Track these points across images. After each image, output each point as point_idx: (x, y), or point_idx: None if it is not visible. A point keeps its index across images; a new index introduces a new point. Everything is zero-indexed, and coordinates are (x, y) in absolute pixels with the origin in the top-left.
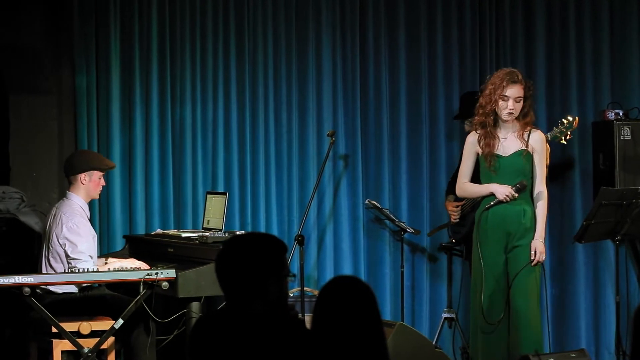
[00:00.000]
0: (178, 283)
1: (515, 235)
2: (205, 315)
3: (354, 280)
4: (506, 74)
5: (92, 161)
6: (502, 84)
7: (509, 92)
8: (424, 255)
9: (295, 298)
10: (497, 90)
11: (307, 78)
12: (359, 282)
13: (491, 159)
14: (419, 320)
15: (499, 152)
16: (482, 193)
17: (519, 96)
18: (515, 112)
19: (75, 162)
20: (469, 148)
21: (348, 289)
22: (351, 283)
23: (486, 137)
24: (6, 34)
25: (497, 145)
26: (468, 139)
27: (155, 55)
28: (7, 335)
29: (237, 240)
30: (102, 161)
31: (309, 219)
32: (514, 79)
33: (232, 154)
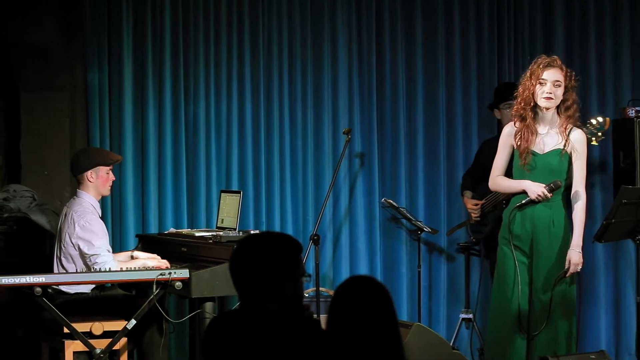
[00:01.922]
0: (191, 283)
1: (541, 244)
2: (219, 316)
3: (369, 280)
4: (543, 59)
5: (96, 157)
6: (539, 68)
7: (546, 74)
8: (441, 255)
9: (310, 298)
10: (533, 74)
11: (323, 74)
12: (375, 282)
13: (526, 155)
14: (436, 320)
15: (536, 149)
16: (514, 189)
17: (558, 80)
18: (554, 97)
19: (80, 160)
20: (504, 140)
21: (364, 289)
22: (367, 283)
23: (524, 131)
24: (18, 30)
25: (535, 141)
26: (504, 130)
27: (168, 51)
28: (18, 336)
29: (252, 240)
30: (107, 155)
31: (325, 218)
32: (551, 63)
33: (246, 151)
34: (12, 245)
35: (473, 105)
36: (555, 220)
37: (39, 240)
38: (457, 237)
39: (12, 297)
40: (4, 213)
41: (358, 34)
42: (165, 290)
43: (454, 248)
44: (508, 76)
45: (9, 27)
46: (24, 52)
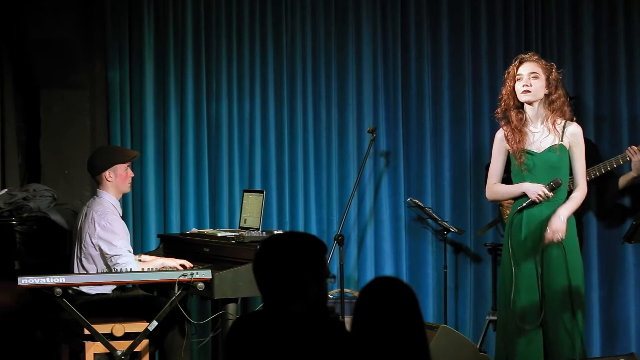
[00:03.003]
0: (214, 284)
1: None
2: (242, 317)
3: (395, 281)
4: (518, 56)
5: (112, 156)
6: (514, 67)
7: (522, 69)
8: (467, 256)
9: (335, 300)
10: (510, 73)
11: (347, 72)
12: (401, 283)
13: (522, 155)
14: (462, 322)
15: (531, 148)
16: (513, 194)
17: (533, 71)
18: (532, 89)
19: (96, 161)
20: (497, 145)
21: (389, 290)
22: (392, 284)
23: (513, 132)
24: (38, 27)
25: (529, 140)
26: (497, 136)
27: (190, 48)
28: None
29: (275, 240)
30: (123, 153)
31: (349, 218)
32: (525, 59)
33: (269, 150)
34: (32, 245)
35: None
36: None
37: (59, 240)
38: (484, 237)
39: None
40: (24, 213)
41: (383, 31)
42: (187, 291)
43: (480, 248)
44: None
45: (29, 23)
46: (44, 49)
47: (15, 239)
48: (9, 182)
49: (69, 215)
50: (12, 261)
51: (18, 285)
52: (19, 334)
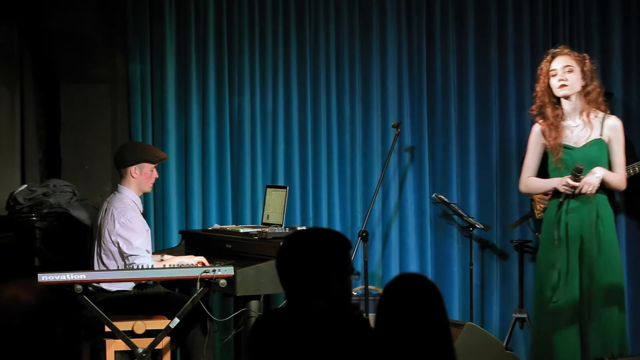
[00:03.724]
0: (236, 280)
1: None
2: (264, 314)
3: (419, 278)
4: (549, 51)
5: (142, 153)
6: (547, 62)
7: (555, 64)
8: (494, 252)
9: (359, 297)
10: (543, 69)
11: (371, 66)
12: (425, 280)
13: (559, 152)
14: (488, 320)
15: (569, 143)
16: (545, 188)
17: (567, 64)
18: (568, 82)
19: (126, 154)
20: (533, 139)
21: (414, 287)
22: (417, 281)
23: (550, 129)
24: (58, 20)
25: (567, 135)
26: (534, 129)
27: (212, 42)
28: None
29: (299, 236)
30: (153, 152)
31: (373, 214)
32: (557, 53)
33: (292, 145)
34: (52, 241)
35: (527, 100)
36: (601, 214)
37: (80, 236)
38: (511, 233)
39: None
40: (44, 208)
41: (408, 24)
42: (209, 288)
43: (507, 245)
44: None
45: (49, 17)
46: (64, 43)
47: (35, 235)
48: (29, 178)
49: (89, 211)
50: (32, 258)
51: (38, 282)
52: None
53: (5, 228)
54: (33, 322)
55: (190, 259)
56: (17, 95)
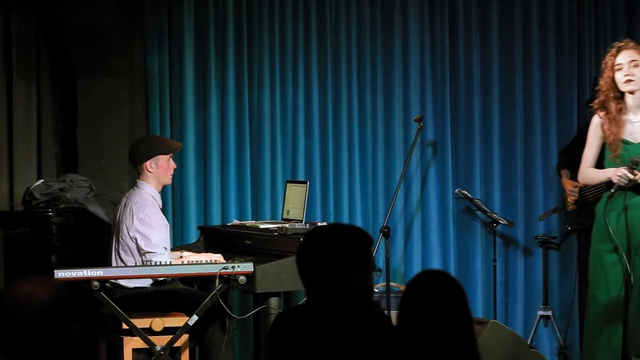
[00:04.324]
0: (256, 277)
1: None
2: (284, 311)
3: (442, 274)
4: (614, 45)
5: (155, 146)
6: (612, 56)
7: (620, 58)
8: (518, 249)
9: (380, 294)
10: (608, 63)
11: (393, 59)
12: (448, 276)
13: (617, 147)
14: (512, 318)
15: (628, 139)
16: (599, 179)
17: (633, 59)
18: (634, 77)
19: (138, 150)
20: (593, 130)
21: (436, 283)
22: (440, 278)
23: (610, 123)
24: (75, 12)
25: (627, 130)
26: (593, 120)
27: (232, 35)
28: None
29: (319, 232)
30: (166, 143)
31: (395, 209)
32: (623, 47)
33: (313, 140)
34: (69, 237)
35: (552, 93)
36: None
37: (97, 232)
38: (536, 229)
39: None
40: (61, 204)
41: (430, 16)
42: (228, 285)
43: (531, 241)
44: (589, 62)
45: (66, 9)
46: (81, 36)
47: (51, 231)
48: (45, 173)
49: (106, 206)
50: (48, 254)
51: (54, 279)
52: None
53: (22, 223)
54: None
55: (207, 257)
56: (33, 88)
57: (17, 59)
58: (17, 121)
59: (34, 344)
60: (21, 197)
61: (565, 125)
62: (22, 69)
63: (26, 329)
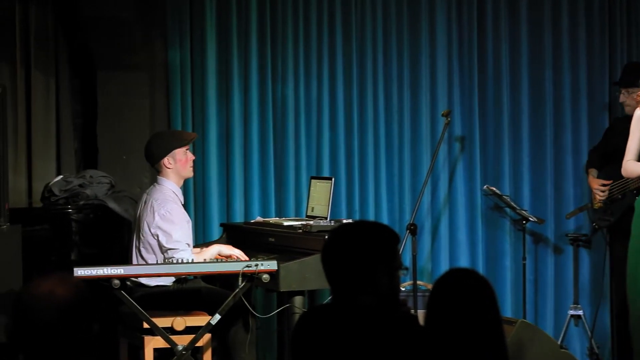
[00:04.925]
0: (280, 275)
1: None
2: (309, 311)
3: (471, 273)
4: None
5: (169, 141)
6: None
7: None
8: (548, 246)
9: (407, 292)
10: None
11: (420, 52)
12: (477, 275)
13: None
14: (542, 317)
15: None
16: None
17: None
18: None
19: (153, 149)
20: (635, 123)
21: (465, 282)
22: (468, 276)
23: None
24: (94, 5)
25: None
26: (636, 113)
27: (255, 27)
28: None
29: (345, 229)
30: (180, 136)
31: (422, 206)
32: None
33: (338, 135)
34: (89, 234)
35: (582, 86)
36: None
37: (117, 229)
38: (566, 227)
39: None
40: (80, 200)
41: (458, 8)
42: (251, 284)
43: (562, 239)
44: (620, 54)
45: (85, 2)
46: (101, 29)
47: (71, 228)
48: (65, 168)
49: (127, 202)
50: (67, 251)
51: (74, 277)
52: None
53: (41, 220)
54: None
55: (228, 249)
56: (52, 82)
57: (36, 53)
58: (35, 116)
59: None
60: (40, 193)
61: (596, 120)
62: (40, 63)
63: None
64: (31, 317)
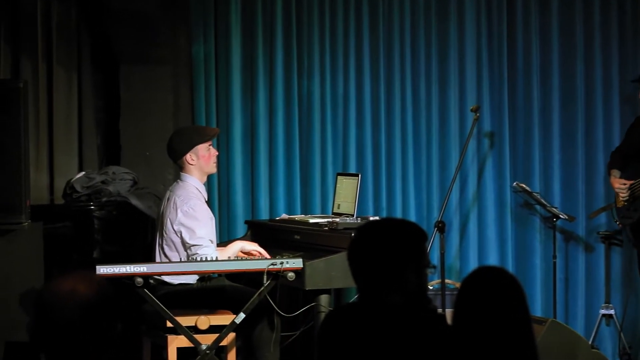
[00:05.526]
0: (305, 274)
1: None
2: (335, 310)
3: (500, 271)
4: None
5: (191, 137)
6: None
7: None
8: (578, 244)
9: (435, 291)
10: None
11: (448, 46)
12: (506, 273)
13: None
14: (573, 316)
15: None
16: None
17: None
18: None
19: (175, 145)
20: None
21: (494, 281)
22: (497, 275)
23: None
24: None
25: None
26: None
27: (280, 20)
28: (118, 330)
29: (372, 227)
30: (202, 132)
31: (451, 203)
32: None
33: (365, 131)
34: (111, 232)
35: (614, 81)
36: None
37: (140, 226)
38: (597, 224)
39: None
40: (103, 197)
41: (487, 1)
42: (276, 282)
43: (593, 237)
44: None
45: None
46: (124, 22)
47: (93, 225)
48: (87, 165)
49: (150, 199)
50: (90, 249)
51: (96, 275)
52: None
53: (62, 217)
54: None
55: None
56: (74, 77)
57: (58, 47)
58: (57, 111)
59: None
60: (62, 190)
61: (628, 115)
62: (62, 58)
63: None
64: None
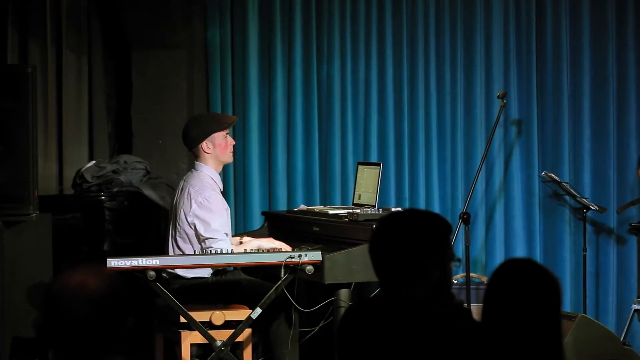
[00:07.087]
0: (324, 267)
1: None
2: (355, 304)
3: (531, 263)
4: None
5: (208, 124)
6: None
7: None
8: (610, 237)
9: (459, 285)
10: None
11: (474, 29)
12: (538, 266)
13: None
14: (604, 312)
15: None
16: None
17: None
18: None
19: (191, 132)
20: None
21: (525, 273)
22: (529, 267)
23: None
24: None
25: None
26: None
27: (299, 3)
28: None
29: (394, 218)
30: (220, 119)
31: (476, 194)
32: None
33: (387, 118)
34: (123, 223)
35: None
36: None
37: (153, 217)
38: (630, 216)
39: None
40: (114, 187)
41: None
42: (294, 275)
43: (625, 229)
44: None
45: None
46: (136, 5)
47: (104, 217)
48: (98, 154)
49: (163, 190)
50: (100, 241)
51: (107, 268)
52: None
53: (72, 208)
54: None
55: (270, 242)
56: (84, 62)
57: (67, 31)
58: (67, 98)
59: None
60: (71, 179)
61: None
62: (72, 42)
63: (76, 322)
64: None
